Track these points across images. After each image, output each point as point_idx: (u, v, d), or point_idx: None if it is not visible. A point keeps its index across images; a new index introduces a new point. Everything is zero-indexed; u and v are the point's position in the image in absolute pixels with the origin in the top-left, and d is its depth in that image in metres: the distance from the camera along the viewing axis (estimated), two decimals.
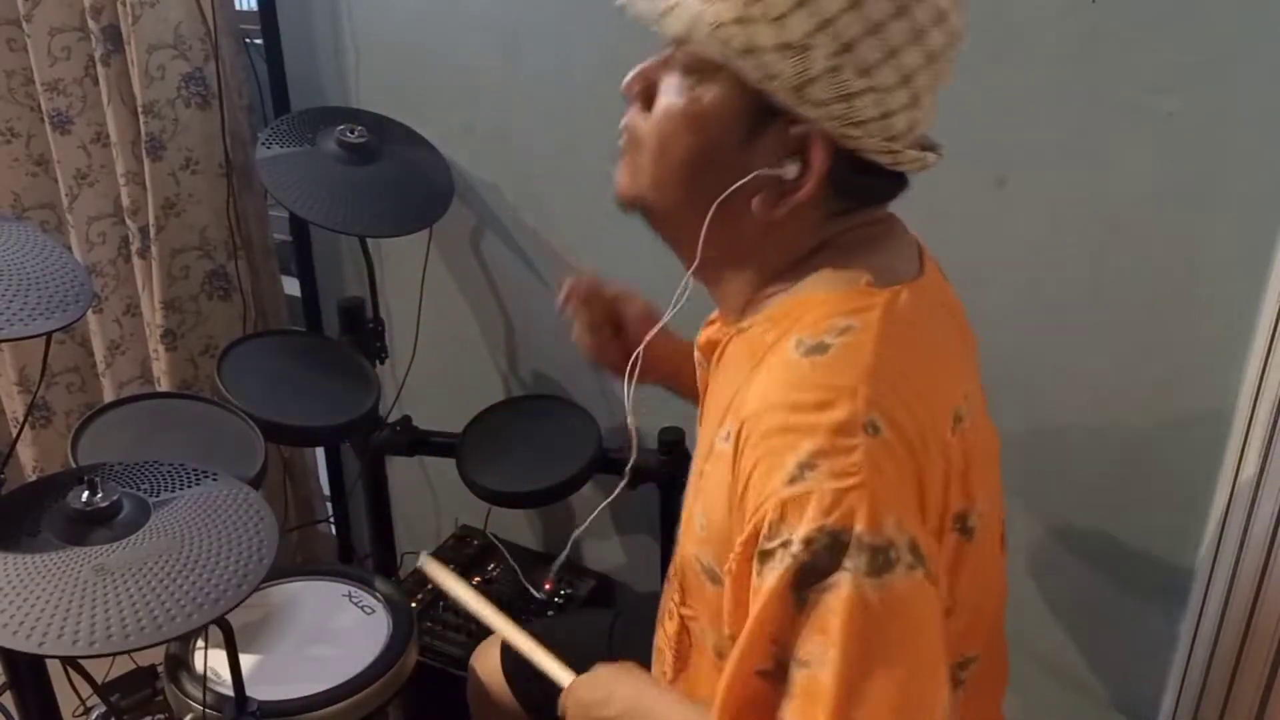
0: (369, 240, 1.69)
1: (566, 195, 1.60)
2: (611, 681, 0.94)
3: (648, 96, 0.80)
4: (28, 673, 1.16)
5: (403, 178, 1.59)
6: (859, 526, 0.66)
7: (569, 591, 1.68)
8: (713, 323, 0.93)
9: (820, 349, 0.72)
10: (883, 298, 0.76)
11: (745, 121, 0.75)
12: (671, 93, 0.78)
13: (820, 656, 0.66)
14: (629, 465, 1.09)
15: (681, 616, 0.90)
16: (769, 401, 0.72)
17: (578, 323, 1.13)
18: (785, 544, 0.68)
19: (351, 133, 1.55)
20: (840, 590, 0.66)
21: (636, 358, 0.94)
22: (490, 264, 1.74)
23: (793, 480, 0.68)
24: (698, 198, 0.78)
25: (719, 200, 0.77)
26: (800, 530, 0.67)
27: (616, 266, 1.57)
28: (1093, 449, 1.33)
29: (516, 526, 1.87)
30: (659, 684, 0.95)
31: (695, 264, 0.82)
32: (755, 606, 0.69)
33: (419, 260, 1.74)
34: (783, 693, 0.69)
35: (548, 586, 1.68)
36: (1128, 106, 1.17)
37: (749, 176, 0.76)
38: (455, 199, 1.64)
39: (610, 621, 1.25)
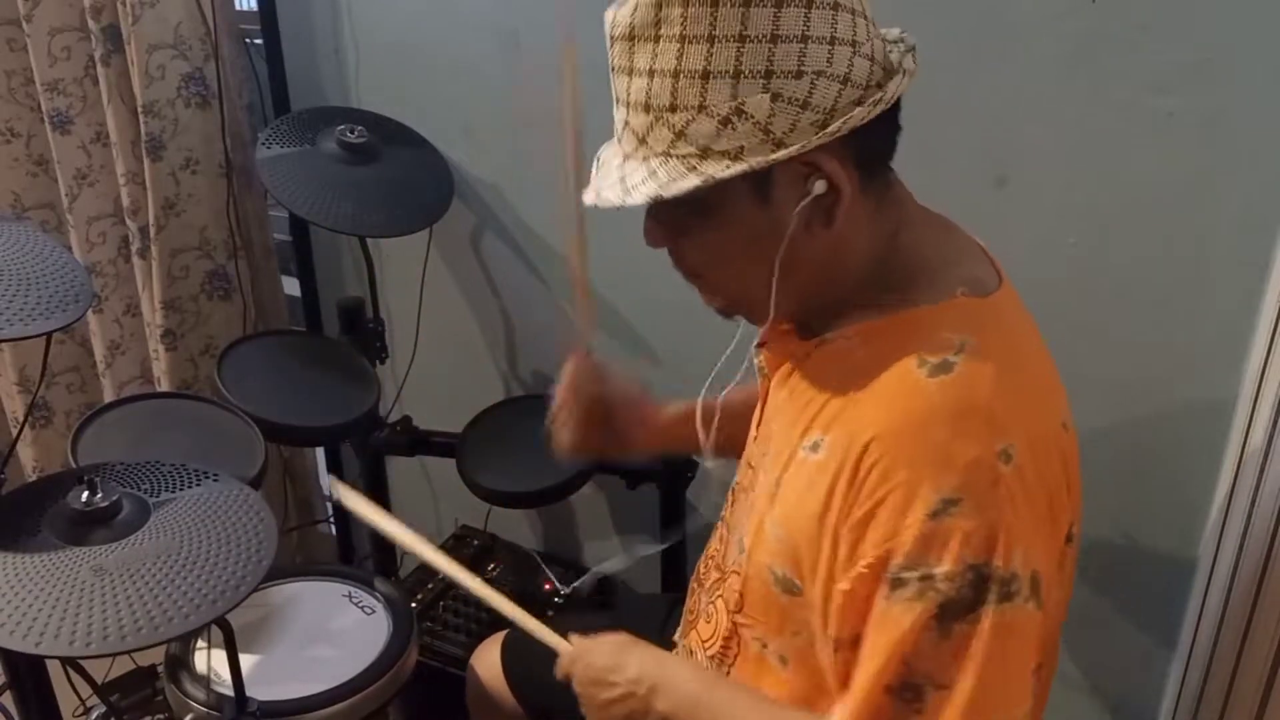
0: (369, 240, 1.69)
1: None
2: (622, 649, 0.93)
3: (672, 244, 0.82)
4: (28, 673, 1.16)
5: (403, 178, 1.59)
6: (997, 561, 0.70)
7: (569, 592, 1.68)
8: (776, 333, 0.91)
9: (945, 368, 0.73)
10: (985, 308, 0.78)
11: (751, 195, 0.75)
12: (685, 234, 0.80)
13: (959, 680, 0.71)
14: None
15: (735, 623, 0.90)
16: (901, 425, 0.73)
17: (567, 414, 1.11)
18: (926, 577, 0.70)
19: (351, 133, 1.55)
20: (984, 621, 0.70)
21: (709, 410, 0.95)
22: (490, 264, 1.74)
23: (935, 514, 0.70)
24: (765, 273, 0.78)
25: (780, 260, 0.77)
26: (944, 566, 0.70)
27: (616, 267, 1.57)
28: (1092, 449, 1.32)
29: (516, 526, 1.87)
30: (681, 658, 0.94)
31: (778, 315, 0.82)
32: (891, 634, 0.72)
33: (419, 260, 1.74)
34: (913, 709, 0.72)
35: (547, 587, 1.68)
36: (1128, 106, 1.17)
37: (792, 224, 0.75)
38: (455, 199, 1.64)
39: (608, 623, 1.25)
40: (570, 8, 0.88)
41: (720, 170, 0.72)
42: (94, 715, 1.21)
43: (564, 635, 0.99)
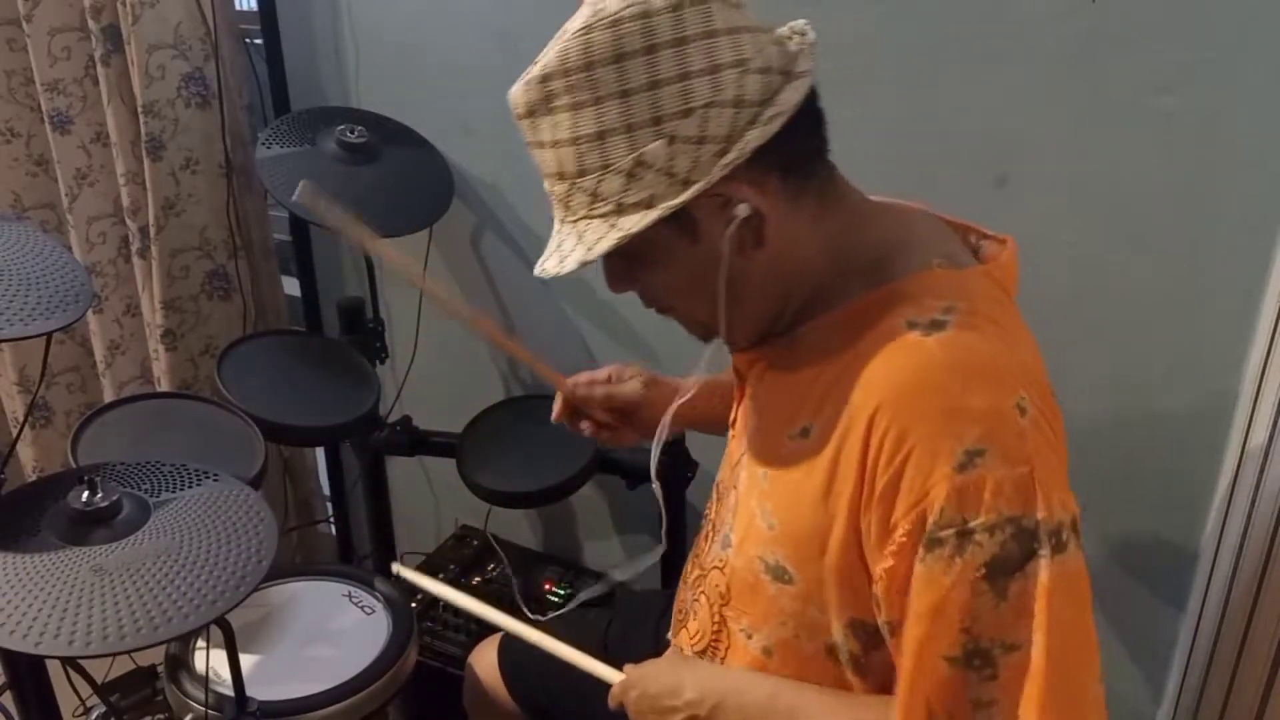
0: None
1: None
2: (675, 670, 0.92)
3: (632, 289, 0.86)
4: (28, 673, 1.16)
5: (403, 178, 1.59)
6: (1040, 513, 0.68)
7: (568, 592, 1.68)
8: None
9: (938, 325, 0.73)
10: (968, 278, 0.78)
11: (679, 233, 0.77)
12: (632, 282, 0.84)
13: (1028, 638, 0.69)
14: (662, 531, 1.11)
15: (723, 616, 0.90)
16: (906, 387, 0.72)
17: (585, 426, 1.16)
18: (964, 533, 0.68)
19: (351, 133, 1.55)
20: (1041, 575, 0.68)
21: (663, 427, 0.97)
22: (490, 264, 1.74)
23: (962, 467, 0.68)
24: (714, 301, 0.80)
25: (722, 289, 0.79)
26: (980, 519, 0.68)
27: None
28: (1092, 449, 1.32)
29: (516, 526, 1.87)
30: (730, 667, 0.92)
31: (743, 341, 0.86)
32: (932, 595, 0.70)
33: (419, 260, 1.73)
34: (985, 676, 0.70)
35: (547, 586, 1.68)
36: (1128, 106, 1.17)
37: (725, 252, 0.77)
38: (455, 199, 1.64)
39: (606, 622, 1.25)
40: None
41: (635, 223, 0.74)
42: (94, 715, 1.21)
43: (611, 662, 0.99)
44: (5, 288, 1.03)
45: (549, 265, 0.80)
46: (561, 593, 1.66)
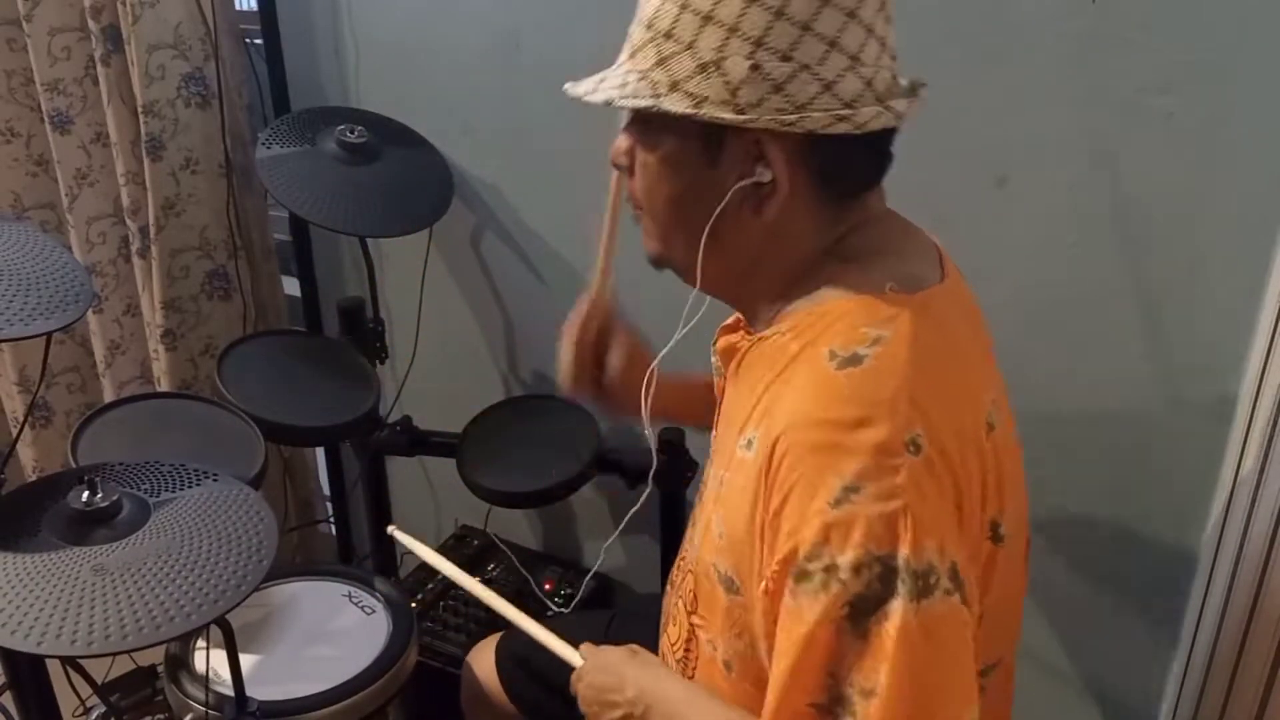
0: (369, 240, 1.69)
1: (566, 195, 1.59)
2: (622, 665, 0.93)
3: (631, 163, 0.84)
4: (28, 673, 1.16)
5: (403, 178, 1.59)
6: (904, 551, 0.68)
7: (568, 592, 1.68)
8: (731, 329, 0.93)
9: (854, 360, 0.73)
10: (910, 304, 0.77)
11: (703, 149, 0.77)
12: (642, 152, 0.82)
13: (880, 685, 0.68)
14: (650, 472, 1.11)
15: (691, 625, 0.90)
16: (807, 417, 0.72)
17: (569, 346, 1.12)
18: (829, 569, 0.68)
19: (351, 133, 1.55)
20: (895, 618, 0.67)
21: (651, 376, 0.95)
22: (490, 264, 1.74)
23: (837, 502, 0.68)
24: (695, 234, 0.80)
25: (709, 226, 0.79)
26: (847, 555, 0.68)
27: (616, 265, 1.56)
28: (1092, 449, 1.33)
29: (516, 526, 1.87)
30: (675, 674, 0.93)
31: (704, 287, 0.83)
32: (797, 633, 0.70)
33: (419, 260, 1.74)
34: None
35: (548, 586, 1.68)
36: (1128, 106, 1.17)
37: (728, 196, 0.77)
38: (455, 199, 1.64)
39: (606, 622, 1.25)
40: None
41: (675, 106, 0.74)
42: (94, 715, 1.21)
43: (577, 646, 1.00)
44: (5, 288, 1.03)
45: (581, 88, 0.80)
46: (563, 593, 1.66)
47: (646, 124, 0.80)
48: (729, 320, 0.94)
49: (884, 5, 0.75)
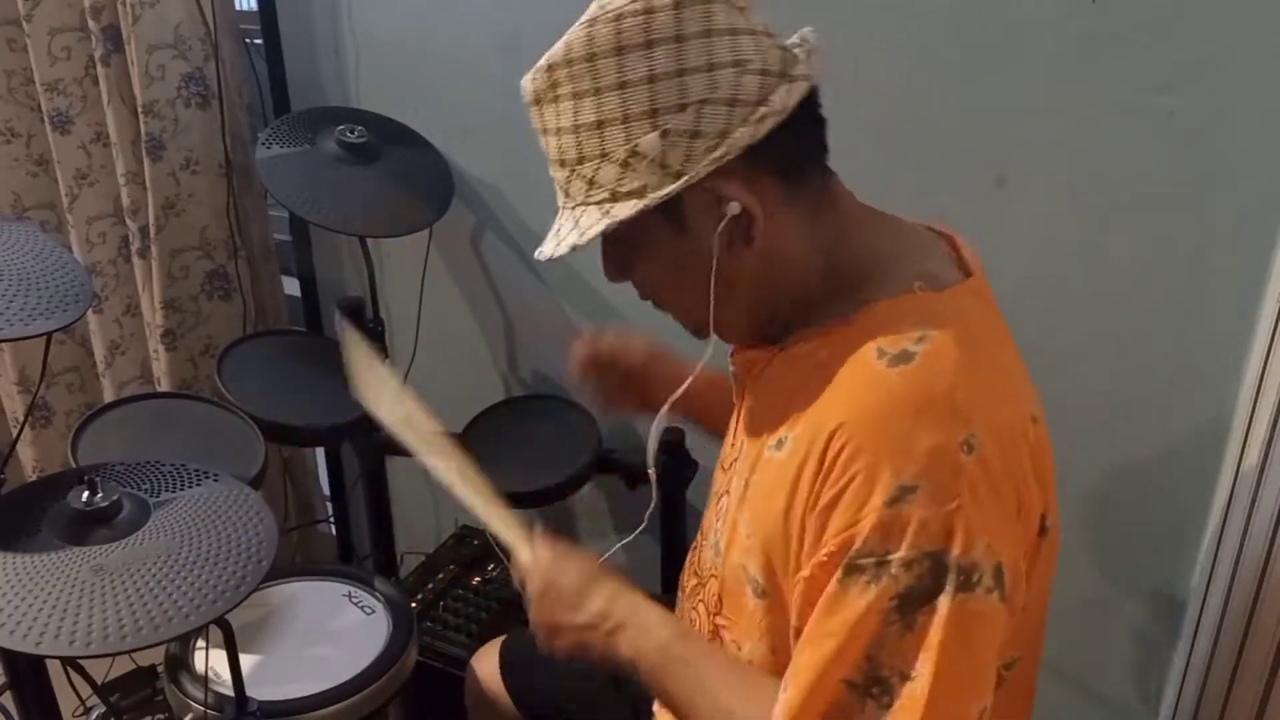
0: (369, 240, 1.69)
1: None
2: (590, 571, 0.92)
3: (629, 278, 0.87)
4: (28, 673, 1.16)
5: (403, 178, 1.59)
6: (955, 550, 0.69)
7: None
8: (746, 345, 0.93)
9: (905, 357, 0.73)
10: (942, 301, 0.78)
11: (668, 223, 0.78)
12: (626, 266, 0.85)
13: (921, 670, 0.70)
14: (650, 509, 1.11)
15: (716, 625, 0.90)
16: (863, 413, 0.73)
17: (591, 386, 1.16)
18: (882, 564, 0.70)
19: (351, 133, 1.55)
20: (941, 611, 0.70)
21: (661, 405, 0.95)
22: (490, 264, 1.74)
23: (893, 501, 0.69)
24: (705, 297, 0.81)
25: (713, 285, 0.80)
26: (900, 552, 0.69)
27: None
28: (1092, 449, 1.33)
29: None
30: (649, 601, 0.91)
31: (731, 337, 0.87)
32: (842, 616, 0.71)
33: (419, 260, 1.73)
34: (882, 704, 0.71)
35: None
36: (1128, 106, 1.17)
37: (716, 249, 0.78)
38: (455, 199, 1.64)
39: None
40: None
41: (626, 211, 0.75)
42: (94, 715, 1.21)
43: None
44: (5, 288, 1.03)
45: (545, 248, 0.82)
46: None
47: (615, 241, 0.81)
48: None
49: (730, 3, 0.75)
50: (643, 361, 1.14)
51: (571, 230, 0.79)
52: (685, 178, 0.74)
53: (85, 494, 0.97)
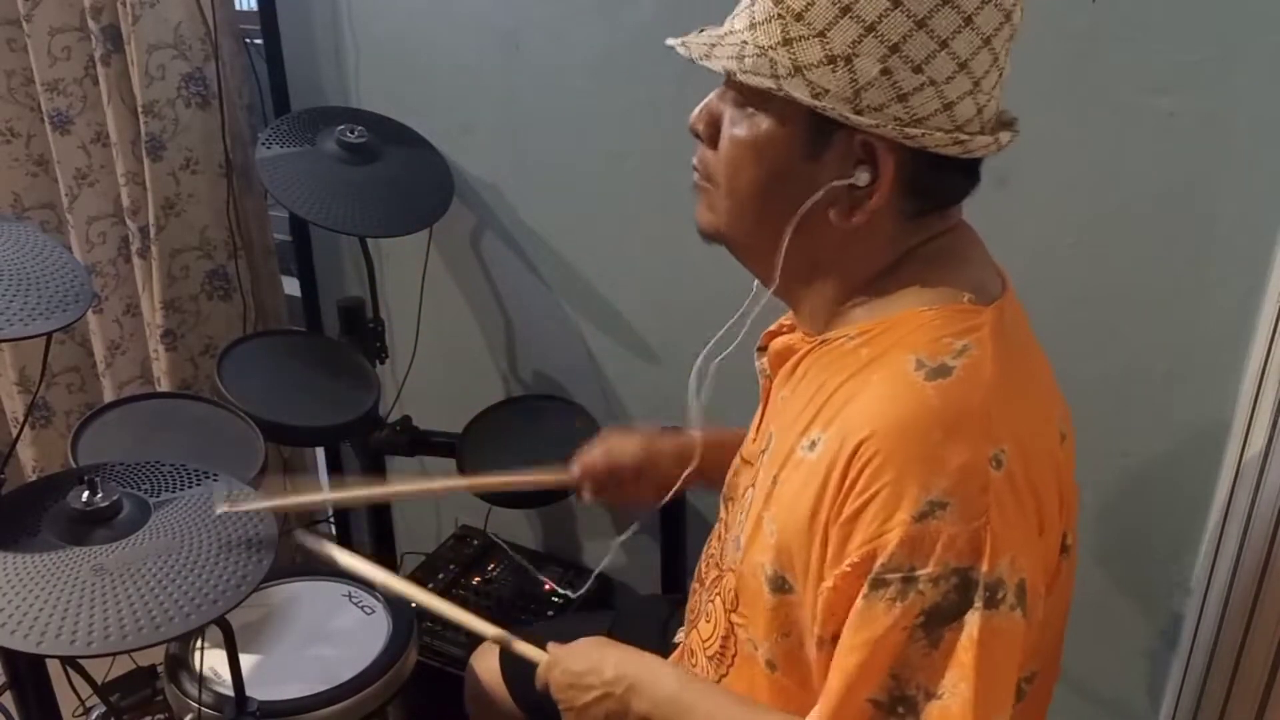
0: (369, 240, 1.69)
1: (566, 195, 1.60)
2: (598, 648, 0.93)
3: (713, 132, 0.81)
4: (28, 673, 1.16)
5: (403, 178, 1.59)
6: (983, 566, 0.69)
7: (568, 592, 1.68)
8: (776, 333, 0.92)
9: (943, 371, 0.72)
10: (989, 316, 0.77)
11: (807, 139, 0.75)
12: (733, 125, 0.79)
13: (952, 688, 0.69)
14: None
15: (731, 622, 0.90)
16: (895, 425, 0.71)
17: (604, 502, 1.16)
18: (908, 580, 0.69)
19: (351, 133, 1.55)
20: (971, 628, 0.69)
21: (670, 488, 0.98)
22: (490, 264, 1.74)
23: (921, 516, 0.69)
24: (774, 222, 0.79)
25: (795, 220, 0.77)
26: (928, 569, 0.69)
27: (616, 265, 1.57)
28: (1092, 449, 1.32)
29: (516, 526, 1.87)
30: (659, 659, 0.93)
31: (775, 285, 0.82)
32: (868, 632, 0.70)
33: (419, 260, 1.74)
34: None
35: (547, 586, 1.68)
36: (1128, 106, 1.17)
37: (820, 192, 0.76)
38: (455, 199, 1.64)
39: (609, 624, 1.25)
40: None
41: (798, 92, 0.72)
42: (94, 715, 1.21)
43: (542, 645, 1.00)
44: (5, 288, 1.03)
45: (690, 48, 0.77)
46: (562, 593, 1.66)
47: (753, 98, 0.76)
48: (773, 326, 0.94)
49: (1012, 36, 0.75)
50: (640, 457, 1.13)
51: (734, 58, 0.74)
52: (867, 120, 0.71)
53: (85, 494, 0.97)
